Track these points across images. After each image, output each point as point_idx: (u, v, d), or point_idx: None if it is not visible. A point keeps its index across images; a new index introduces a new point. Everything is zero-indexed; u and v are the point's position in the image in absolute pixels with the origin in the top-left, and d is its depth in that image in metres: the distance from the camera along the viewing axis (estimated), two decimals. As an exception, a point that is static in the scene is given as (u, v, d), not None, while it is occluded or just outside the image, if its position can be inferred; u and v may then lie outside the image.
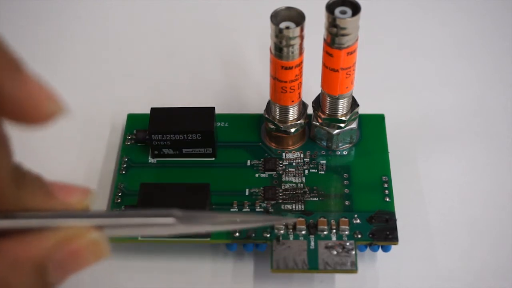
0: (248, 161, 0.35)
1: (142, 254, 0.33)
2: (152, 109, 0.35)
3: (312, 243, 0.31)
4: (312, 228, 0.32)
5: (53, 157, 0.37)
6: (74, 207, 0.23)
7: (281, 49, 0.31)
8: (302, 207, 0.33)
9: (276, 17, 0.31)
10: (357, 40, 0.31)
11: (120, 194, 0.34)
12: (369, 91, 0.38)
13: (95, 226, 0.23)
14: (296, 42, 0.31)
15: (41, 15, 0.45)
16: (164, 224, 0.23)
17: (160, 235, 0.23)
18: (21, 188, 0.22)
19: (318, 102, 0.35)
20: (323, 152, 0.35)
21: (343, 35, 0.31)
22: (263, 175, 0.34)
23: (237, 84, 0.41)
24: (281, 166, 0.35)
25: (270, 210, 0.33)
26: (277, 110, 0.34)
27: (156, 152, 0.35)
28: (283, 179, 0.34)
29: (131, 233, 0.24)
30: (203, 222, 0.24)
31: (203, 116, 0.35)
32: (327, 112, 0.34)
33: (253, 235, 0.32)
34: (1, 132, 0.21)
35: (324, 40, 0.32)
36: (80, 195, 0.24)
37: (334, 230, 0.32)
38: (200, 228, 0.24)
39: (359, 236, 0.32)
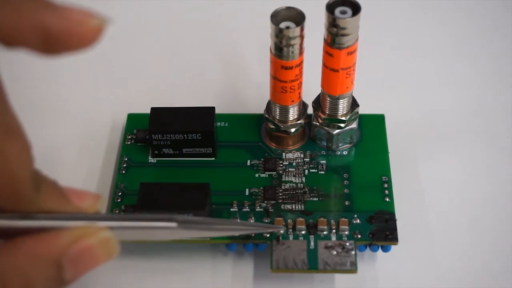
0: (248, 161, 0.35)
1: (142, 254, 0.33)
2: (152, 109, 0.35)
3: (312, 243, 0.31)
4: (312, 228, 0.32)
5: (53, 156, 0.37)
6: (86, 211, 0.26)
7: (281, 49, 0.31)
8: (302, 207, 0.33)
9: (276, 17, 0.31)
10: (357, 40, 0.31)
11: (120, 193, 0.34)
12: (369, 91, 0.38)
13: (105, 227, 0.25)
14: (296, 42, 0.31)
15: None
16: (167, 227, 0.25)
17: (161, 239, 0.26)
18: (40, 191, 0.24)
19: (318, 102, 0.35)
20: (323, 152, 0.35)
21: (343, 35, 0.31)
22: (263, 175, 0.34)
23: (237, 84, 0.41)
24: (281, 166, 0.35)
25: (270, 210, 0.33)
26: (277, 110, 0.34)
27: (156, 152, 0.35)
28: (283, 179, 0.34)
29: (136, 236, 0.26)
30: (202, 228, 0.26)
31: (203, 116, 0.35)
32: (327, 112, 0.34)
33: (253, 235, 0.32)
34: (25, 140, 0.23)
35: (324, 40, 0.32)
36: (91, 200, 0.26)
37: (334, 230, 0.32)
38: (199, 233, 0.26)
39: (359, 236, 0.32)
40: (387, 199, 0.33)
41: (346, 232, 0.32)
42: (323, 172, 0.35)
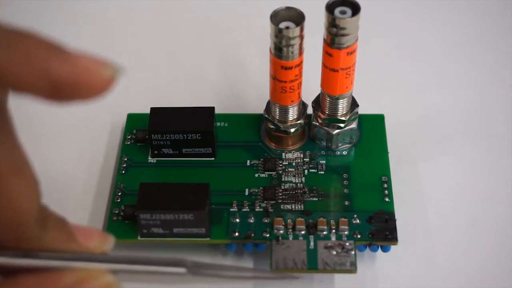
0: (248, 161, 0.35)
1: (142, 254, 0.33)
2: (152, 108, 0.35)
3: (312, 243, 0.31)
4: (312, 228, 0.32)
5: (53, 157, 0.37)
6: (92, 251, 0.25)
7: (281, 49, 0.31)
8: (302, 207, 0.33)
9: (276, 17, 0.31)
10: (357, 40, 0.31)
11: (119, 193, 0.34)
12: (369, 91, 0.38)
13: (110, 270, 0.24)
14: (296, 42, 0.31)
15: (40, 15, 0.45)
16: (175, 273, 0.24)
17: (169, 282, 0.25)
18: (46, 229, 0.23)
19: (318, 102, 0.35)
20: (322, 152, 0.35)
21: (343, 35, 0.31)
22: (263, 175, 0.34)
23: (237, 84, 0.41)
24: (280, 166, 0.35)
25: (270, 210, 0.33)
26: (277, 110, 0.34)
27: (156, 152, 0.35)
28: (283, 179, 0.34)
29: (143, 278, 0.25)
30: (212, 274, 0.25)
31: (203, 116, 0.35)
32: (327, 112, 0.34)
33: (253, 235, 0.32)
34: (32, 176, 0.23)
35: (324, 40, 0.32)
36: (98, 240, 0.25)
37: (334, 230, 0.32)
38: (209, 279, 0.25)
39: (359, 236, 0.32)
40: (387, 199, 0.33)
41: (346, 232, 0.32)
42: (322, 172, 0.35)
